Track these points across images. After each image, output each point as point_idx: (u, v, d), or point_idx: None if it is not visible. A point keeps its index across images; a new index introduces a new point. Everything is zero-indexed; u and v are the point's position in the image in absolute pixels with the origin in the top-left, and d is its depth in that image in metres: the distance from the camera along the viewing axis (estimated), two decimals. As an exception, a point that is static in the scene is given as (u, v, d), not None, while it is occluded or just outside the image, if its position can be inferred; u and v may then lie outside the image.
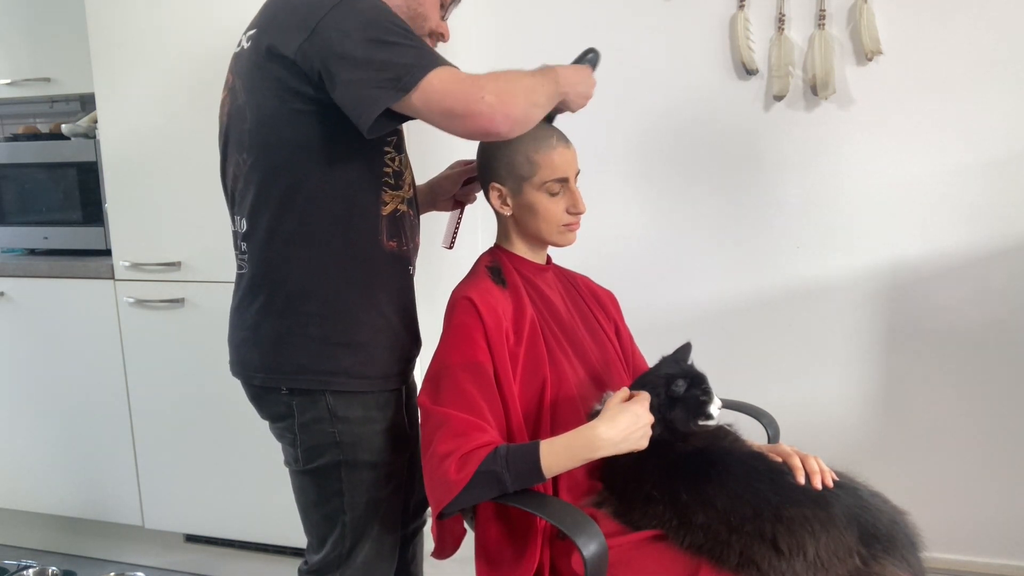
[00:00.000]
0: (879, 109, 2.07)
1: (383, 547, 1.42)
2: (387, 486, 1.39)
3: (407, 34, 1.18)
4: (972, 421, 2.13)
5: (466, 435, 1.20)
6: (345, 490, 1.35)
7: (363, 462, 1.35)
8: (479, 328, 1.30)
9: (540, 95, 1.24)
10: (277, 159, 1.26)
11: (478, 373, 1.27)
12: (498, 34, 2.34)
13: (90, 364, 2.29)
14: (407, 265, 1.39)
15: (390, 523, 1.42)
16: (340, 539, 1.38)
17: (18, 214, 2.45)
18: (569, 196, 1.38)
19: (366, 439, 1.34)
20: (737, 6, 2.12)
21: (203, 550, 2.33)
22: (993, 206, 2.04)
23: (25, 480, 2.44)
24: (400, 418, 1.42)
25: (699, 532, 1.17)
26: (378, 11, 1.18)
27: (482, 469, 1.16)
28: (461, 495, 1.16)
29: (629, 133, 2.28)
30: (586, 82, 1.35)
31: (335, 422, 1.32)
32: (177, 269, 2.12)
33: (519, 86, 1.20)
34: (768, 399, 1.74)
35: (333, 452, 1.33)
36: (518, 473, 1.17)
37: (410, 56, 1.15)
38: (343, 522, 1.37)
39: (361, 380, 1.33)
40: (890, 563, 1.11)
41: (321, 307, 1.29)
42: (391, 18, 1.18)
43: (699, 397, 1.31)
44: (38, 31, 2.43)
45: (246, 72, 1.27)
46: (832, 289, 2.19)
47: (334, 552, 1.39)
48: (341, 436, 1.32)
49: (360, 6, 1.17)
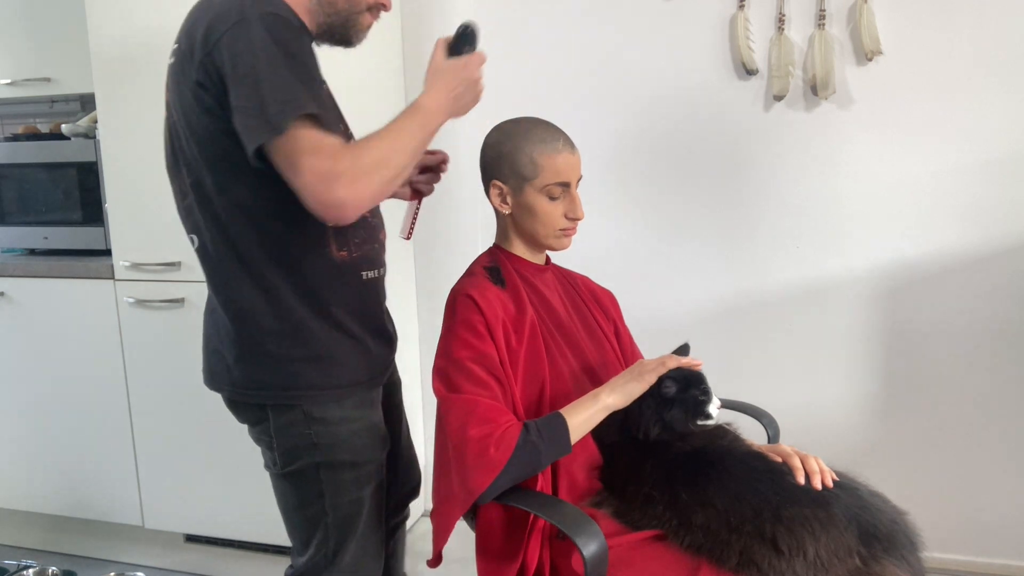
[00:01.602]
0: (879, 109, 2.07)
1: (369, 545, 1.40)
2: (369, 484, 1.37)
3: (296, 66, 1.13)
4: (972, 421, 2.13)
5: (495, 420, 1.22)
6: (326, 492, 1.33)
7: (343, 462, 1.33)
8: (482, 322, 1.30)
9: (397, 162, 1.16)
10: (213, 176, 1.22)
11: (489, 364, 1.28)
12: (498, 34, 2.34)
13: (90, 364, 2.29)
14: (358, 272, 1.33)
15: (374, 521, 1.40)
16: (324, 541, 1.36)
17: (18, 214, 2.45)
18: (569, 201, 1.38)
19: (344, 439, 1.32)
20: (737, 6, 2.13)
21: (203, 550, 2.33)
22: (993, 206, 2.04)
23: (25, 480, 2.44)
24: (379, 416, 1.41)
25: (699, 532, 1.17)
26: (272, 38, 1.12)
27: (520, 444, 1.19)
28: (502, 474, 1.17)
29: (629, 133, 2.28)
30: (464, 86, 1.26)
31: (311, 424, 1.30)
32: (177, 269, 2.12)
33: (373, 161, 1.13)
34: (768, 399, 1.74)
35: (311, 454, 1.31)
36: (551, 441, 1.21)
37: (288, 94, 1.10)
38: (326, 524, 1.35)
39: (332, 390, 1.31)
40: (890, 563, 1.11)
41: (277, 323, 1.27)
42: (285, 47, 1.13)
43: (698, 397, 1.31)
44: (38, 31, 2.43)
45: (174, 87, 1.24)
46: (832, 289, 2.19)
47: (319, 554, 1.37)
48: (318, 438, 1.30)
49: (252, 33, 1.12)
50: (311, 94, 1.12)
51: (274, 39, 1.12)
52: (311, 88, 1.14)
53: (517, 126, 1.39)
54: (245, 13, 1.12)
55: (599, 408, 1.27)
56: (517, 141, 1.35)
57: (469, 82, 1.27)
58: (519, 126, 1.38)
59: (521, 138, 1.36)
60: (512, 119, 1.42)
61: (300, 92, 1.11)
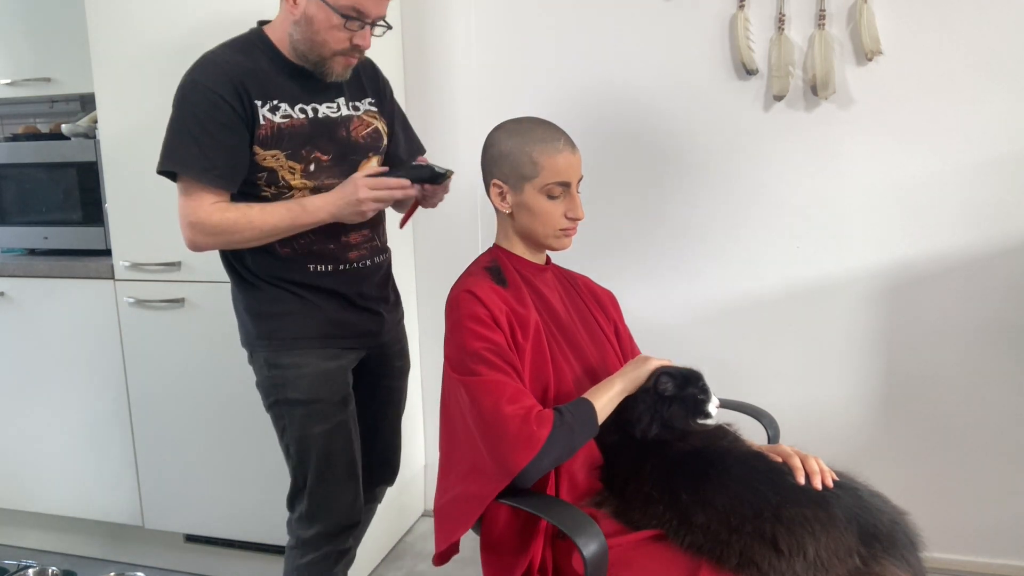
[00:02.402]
0: (879, 109, 2.07)
1: (331, 483, 1.62)
2: (321, 423, 1.60)
3: (196, 129, 1.45)
4: (972, 421, 2.13)
5: (524, 400, 1.23)
6: (288, 426, 1.61)
7: (295, 400, 1.58)
8: (487, 315, 1.31)
9: (246, 236, 1.48)
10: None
11: (503, 353, 1.28)
12: (497, 34, 2.34)
13: (90, 364, 2.29)
14: (305, 265, 1.57)
15: (337, 461, 1.62)
16: (294, 469, 1.64)
17: (18, 214, 2.45)
18: (569, 201, 1.38)
19: (292, 380, 1.58)
20: (737, 6, 2.13)
21: (203, 550, 2.33)
22: (993, 205, 2.04)
23: (25, 480, 2.44)
24: (336, 367, 1.62)
25: (699, 532, 1.17)
26: (189, 101, 1.46)
27: (556, 424, 1.21)
28: (543, 452, 1.18)
29: (629, 132, 2.28)
30: (350, 207, 1.48)
31: (270, 368, 1.59)
32: (177, 269, 2.12)
33: (222, 228, 1.47)
34: (768, 399, 1.74)
35: (273, 392, 1.61)
36: (582, 423, 1.24)
37: (174, 151, 1.47)
38: (291, 454, 1.63)
39: (282, 340, 1.58)
40: (890, 563, 1.11)
41: (242, 293, 1.62)
42: (195, 111, 1.45)
43: (696, 395, 1.31)
44: (38, 31, 2.43)
45: None
46: (832, 289, 2.19)
47: (295, 482, 1.65)
48: (275, 379, 1.59)
49: (180, 92, 1.48)
50: (199, 153, 1.44)
51: (189, 103, 1.46)
52: (202, 148, 1.44)
53: (519, 125, 1.39)
54: (187, 77, 1.48)
55: (615, 393, 1.31)
56: (518, 140, 1.36)
57: (355, 203, 1.47)
58: (520, 125, 1.39)
59: (522, 137, 1.36)
60: (514, 119, 1.43)
61: (182, 151, 1.46)
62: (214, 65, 1.47)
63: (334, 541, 1.67)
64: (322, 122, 1.54)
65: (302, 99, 1.52)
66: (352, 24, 1.44)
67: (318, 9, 1.42)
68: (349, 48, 1.48)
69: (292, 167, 1.51)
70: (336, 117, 1.56)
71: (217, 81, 1.45)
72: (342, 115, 1.57)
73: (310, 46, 1.47)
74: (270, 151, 1.49)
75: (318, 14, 1.43)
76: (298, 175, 1.52)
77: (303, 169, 1.52)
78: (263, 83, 1.49)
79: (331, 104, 1.56)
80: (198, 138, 1.45)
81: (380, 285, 1.71)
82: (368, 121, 1.62)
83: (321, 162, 1.54)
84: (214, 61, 1.48)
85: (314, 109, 1.53)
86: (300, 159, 1.52)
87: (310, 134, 1.52)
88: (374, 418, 1.79)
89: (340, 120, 1.57)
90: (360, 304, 1.65)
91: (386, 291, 1.74)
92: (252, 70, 1.48)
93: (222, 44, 1.53)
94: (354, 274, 1.62)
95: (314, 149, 1.53)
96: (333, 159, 1.55)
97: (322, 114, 1.54)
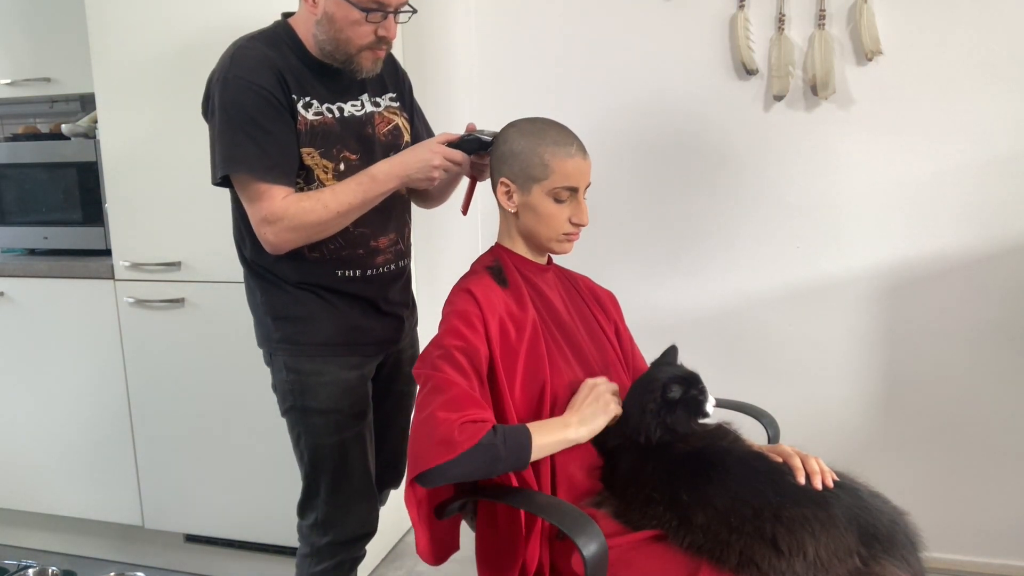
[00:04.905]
0: (879, 109, 2.07)
1: (346, 491, 1.60)
2: (338, 434, 1.57)
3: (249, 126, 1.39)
4: (972, 421, 2.13)
5: (467, 408, 1.19)
6: (303, 433, 1.59)
7: (312, 409, 1.56)
8: (478, 316, 1.30)
9: (322, 219, 1.42)
10: (232, 192, 1.53)
11: (475, 358, 1.26)
12: (497, 32, 2.34)
13: (90, 364, 2.29)
14: (333, 271, 1.54)
15: (356, 470, 1.60)
16: (306, 476, 1.62)
17: (18, 214, 2.45)
18: (575, 206, 1.37)
19: (311, 388, 1.55)
20: (737, 6, 2.12)
21: (203, 550, 2.33)
22: (993, 206, 2.04)
23: (25, 480, 2.44)
24: (357, 377, 1.59)
25: (699, 532, 1.17)
26: (235, 100, 1.40)
27: (483, 441, 1.16)
28: (455, 461, 1.14)
29: (629, 133, 2.28)
30: (422, 172, 1.44)
31: (289, 373, 1.56)
32: (177, 269, 2.12)
33: (299, 218, 1.40)
34: (768, 399, 1.74)
35: (290, 399, 1.58)
36: (512, 451, 1.19)
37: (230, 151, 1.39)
38: (305, 461, 1.61)
39: (304, 346, 1.55)
40: (890, 563, 1.11)
41: (263, 296, 1.58)
42: (244, 108, 1.39)
43: (697, 396, 1.31)
44: (38, 31, 2.43)
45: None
46: (832, 289, 2.19)
47: (308, 489, 1.62)
48: (293, 384, 1.56)
49: (221, 93, 1.41)
50: (259, 151, 1.39)
51: (236, 101, 1.39)
52: (260, 145, 1.39)
53: (533, 125, 1.38)
54: (225, 73, 1.41)
55: (564, 439, 1.28)
56: (531, 140, 1.35)
57: (429, 168, 1.43)
58: (535, 125, 1.38)
59: (535, 138, 1.35)
60: (528, 118, 1.41)
61: (241, 151, 1.39)
62: (251, 59, 1.41)
63: (349, 549, 1.65)
64: (348, 121, 1.52)
65: (328, 98, 1.50)
66: (374, 16, 1.41)
67: (337, 7, 1.40)
68: (375, 41, 1.44)
69: (325, 166, 1.49)
70: (361, 115, 1.54)
71: (259, 74, 1.40)
72: (366, 112, 1.55)
73: (335, 45, 1.44)
74: (306, 148, 1.46)
75: (337, 11, 1.40)
76: (330, 174, 1.50)
77: (334, 168, 1.50)
78: (297, 78, 1.45)
79: (355, 102, 1.54)
80: (254, 136, 1.39)
81: (403, 290, 1.70)
82: (389, 118, 1.60)
83: (350, 161, 1.51)
84: (249, 55, 1.42)
85: (340, 108, 1.51)
86: (331, 158, 1.49)
87: (340, 133, 1.50)
88: (384, 422, 1.77)
89: (365, 118, 1.55)
90: (385, 309, 1.63)
91: (407, 296, 1.74)
92: (286, 65, 1.44)
93: (249, 36, 1.47)
94: (380, 279, 1.60)
95: (344, 148, 1.51)
96: (361, 158, 1.53)
97: (347, 113, 1.52)
